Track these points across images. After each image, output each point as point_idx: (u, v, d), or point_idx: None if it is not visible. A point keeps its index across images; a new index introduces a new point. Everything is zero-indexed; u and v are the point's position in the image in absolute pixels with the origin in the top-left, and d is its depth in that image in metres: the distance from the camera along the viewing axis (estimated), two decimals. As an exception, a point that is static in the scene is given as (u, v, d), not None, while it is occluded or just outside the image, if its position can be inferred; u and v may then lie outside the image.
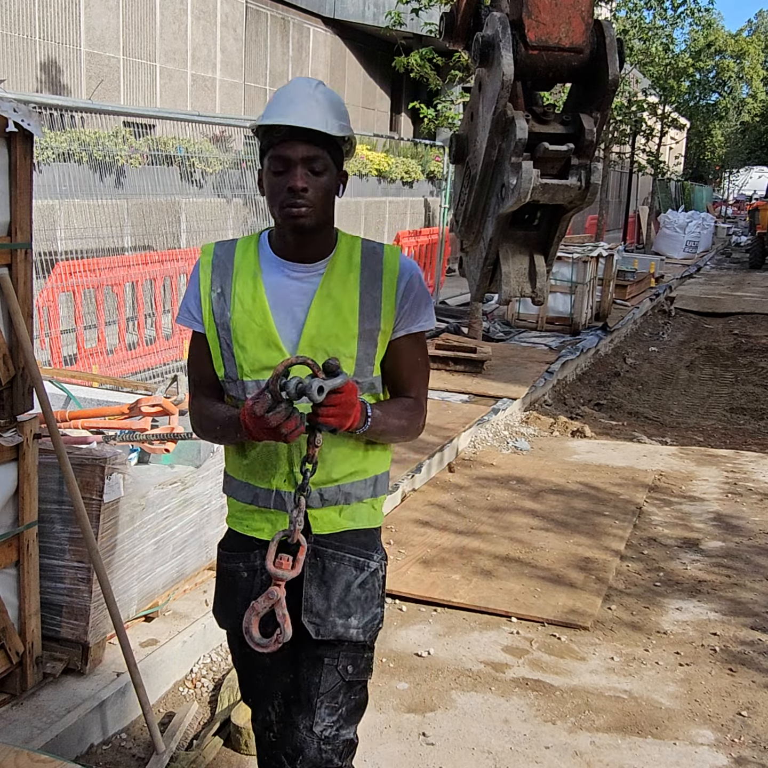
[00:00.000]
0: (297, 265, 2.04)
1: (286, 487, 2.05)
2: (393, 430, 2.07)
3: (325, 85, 2.06)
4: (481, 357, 8.56)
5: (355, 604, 2.08)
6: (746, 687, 3.64)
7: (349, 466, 2.09)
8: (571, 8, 1.74)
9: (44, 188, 6.61)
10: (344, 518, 2.10)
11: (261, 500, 2.08)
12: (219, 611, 2.21)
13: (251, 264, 2.06)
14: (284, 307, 2.03)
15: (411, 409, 2.11)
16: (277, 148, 1.96)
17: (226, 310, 2.04)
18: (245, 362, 2.02)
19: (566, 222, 1.91)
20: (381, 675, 3.60)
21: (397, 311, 2.06)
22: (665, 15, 19.10)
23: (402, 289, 2.06)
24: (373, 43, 17.25)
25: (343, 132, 1.99)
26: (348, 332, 2.01)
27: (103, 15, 11.26)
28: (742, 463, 6.83)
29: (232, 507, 2.17)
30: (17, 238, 2.77)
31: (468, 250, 2.12)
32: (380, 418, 2.00)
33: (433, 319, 2.15)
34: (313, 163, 1.95)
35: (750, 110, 55.41)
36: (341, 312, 2.01)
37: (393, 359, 2.09)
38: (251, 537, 2.11)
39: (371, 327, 2.03)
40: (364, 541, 2.13)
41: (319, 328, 2.01)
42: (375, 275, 2.05)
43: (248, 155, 8.06)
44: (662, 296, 16.63)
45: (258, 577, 2.10)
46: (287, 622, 1.83)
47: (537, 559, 4.72)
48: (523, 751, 3.16)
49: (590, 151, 1.79)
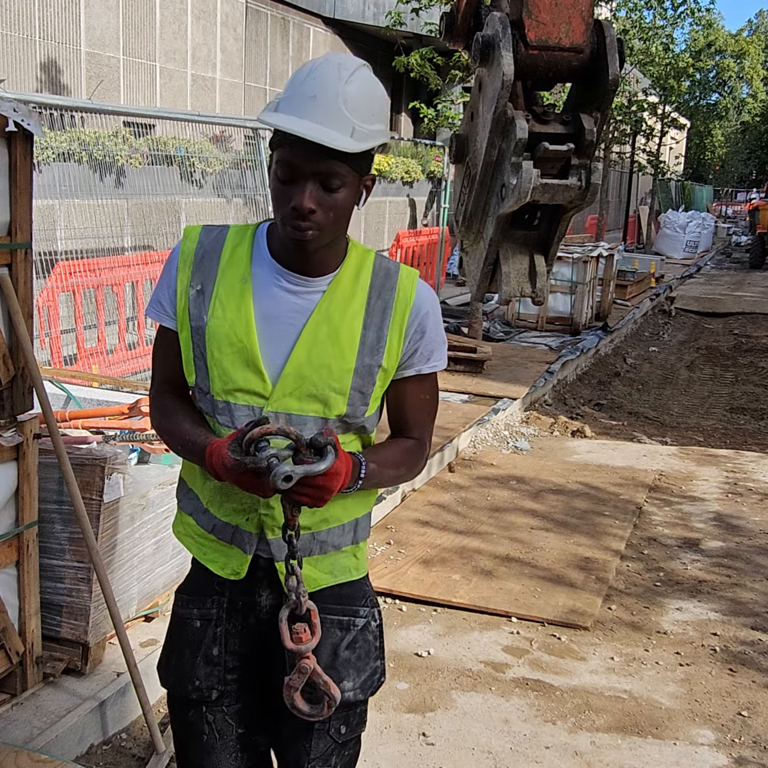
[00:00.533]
0: (296, 276, 1.73)
1: (248, 527, 1.78)
2: (388, 481, 1.83)
3: (366, 67, 1.68)
4: (481, 357, 8.55)
5: (346, 668, 1.83)
6: (746, 687, 3.64)
7: (324, 511, 1.77)
8: (571, 8, 1.74)
9: (44, 188, 6.61)
10: (321, 572, 1.82)
11: (218, 532, 1.81)
12: (163, 665, 1.92)
13: (242, 263, 1.75)
14: (273, 324, 1.72)
15: (411, 453, 1.86)
16: (285, 151, 1.62)
17: (203, 313, 1.73)
18: (218, 378, 1.73)
19: (566, 222, 1.91)
20: (381, 675, 3.60)
21: (405, 349, 1.77)
22: (665, 15, 19.11)
23: (416, 325, 1.77)
24: (373, 43, 17.24)
25: (372, 142, 1.63)
26: (343, 365, 1.71)
27: (103, 15, 11.26)
28: (742, 463, 6.83)
29: (189, 527, 1.88)
30: (17, 238, 2.77)
31: (468, 250, 2.12)
32: (375, 473, 1.75)
33: (445, 359, 1.85)
34: (328, 178, 1.61)
35: (750, 110, 55.44)
36: (338, 340, 1.71)
37: (397, 399, 1.84)
38: (211, 580, 1.84)
39: (371, 362, 1.74)
40: (348, 595, 1.87)
41: (309, 356, 1.70)
42: (385, 302, 1.75)
43: (248, 155, 8.06)
44: (662, 296, 16.63)
45: (212, 628, 1.84)
46: (332, 687, 1.68)
47: (537, 559, 4.72)
48: (523, 751, 3.16)
49: (590, 151, 1.79)
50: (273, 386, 1.71)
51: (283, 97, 1.63)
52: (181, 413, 1.80)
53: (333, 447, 1.58)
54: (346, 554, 1.85)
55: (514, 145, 1.73)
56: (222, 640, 1.83)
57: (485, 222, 1.96)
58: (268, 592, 1.81)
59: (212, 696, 1.83)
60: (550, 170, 1.77)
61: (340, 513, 1.82)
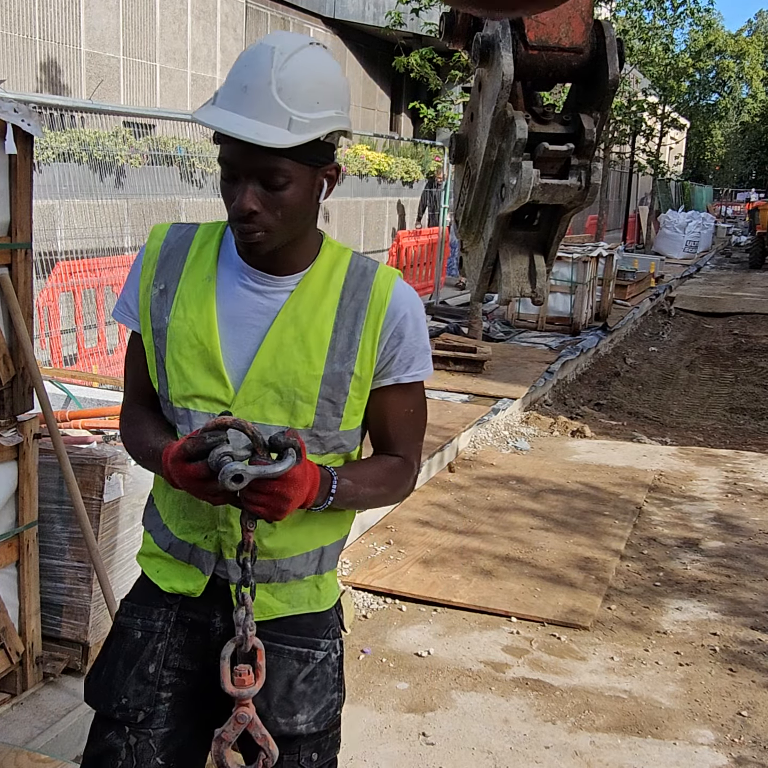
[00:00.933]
0: (262, 275, 1.60)
1: (206, 546, 1.65)
2: (367, 501, 1.67)
3: (313, 47, 1.49)
4: (481, 357, 8.56)
5: (300, 701, 1.67)
6: (746, 687, 3.64)
7: (288, 536, 1.64)
8: (571, 8, 1.74)
9: (44, 188, 6.61)
10: (278, 600, 1.68)
11: (175, 550, 1.69)
12: (92, 678, 1.73)
13: (207, 262, 1.63)
14: (236, 326, 1.60)
15: (395, 472, 1.69)
16: (224, 149, 1.49)
17: (165, 314, 1.62)
18: (177, 383, 1.61)
19: (566, 222, 1.92)
20: (381, 675, 3.60)
21: (381, 355, 1.62)
22: (665, 15, 19.11)
23: (392, 329, 1.62)
24: (373, 43, 17.25)
25: (317, 131, 1.47)
26: (310, 371, 1.57)
27: (103, 15, 11.26)
28: (742, 463, 6.83)
29: (146, 544, 1.77)
30: (17, 238, 2.77)
31: (468, 250, 2.12)
32: (349, 490, 1.59)
33: (430, 367, 1.70)
34: (269, 176, 1.47)
35: (750, 110, 55.48)
36: (305, 344, 1.58)
37: (377, 412, 1.68)
38: (161, 591, 1.71)
39: (341, 369, 1.59)
40: (309, 625, 1.71)
41: (274, 360, 1.57)
42: (358, 304, 1.61)
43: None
44: (662, 296, 16.63)
45: (153, 642, 1.69)
46: (271, 743, 1.50)
47: (537, 559, 4.72)
48: (523, 751, 3.16)
49: (590, 151, 1.79)
50: (235, 393, 1.59)
51: (221, 87, 1.50)
52: (146, 422, 1.68)
53: (296, 450, 1.42)
54: (307, 584, 1.71)
55: (514, 145, 1.73)
56: (161, 657, 1.68)
57: (485, 222, 1.97)
58: (222, 615, 1.68)
59: (138, 717, 1.66)
60: (549, 170, 1.77)
61: (304, 540, 1.67)
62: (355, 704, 3.39)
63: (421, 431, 1.75)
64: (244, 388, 1.58)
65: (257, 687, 1.48)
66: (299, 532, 1.65)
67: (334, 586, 1.78)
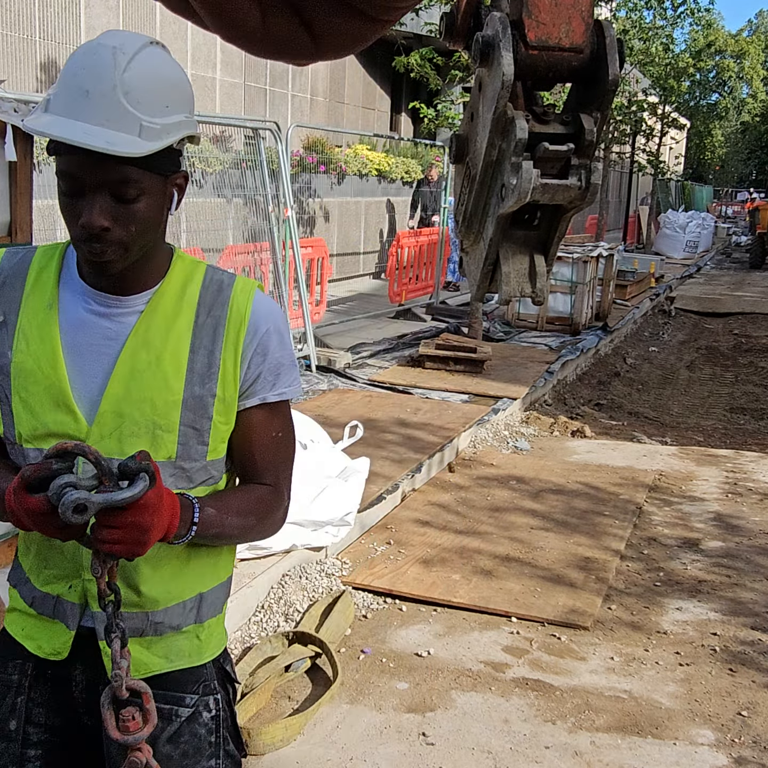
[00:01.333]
0: (107, 297, 1.47)
1: (70, 597, 1.51)
2: (235, 532, 1.52)
3: (153, 46, 1.38)
4: (481, 357, 8.56)
5: (167, 766, 1.50)
6: (746, 687, 3.64)
7: (160, 585, 1.52)
8: (571, 8, 1.74)
9: (44, 188, 6.60)
10: (154, 655, 1.53)
11: (39, 605, 1.55)
12: None
13: (47, 288, 1.49)
14: (84, 355, 1.46)
15: (263, 501, 1.56)
16: (65, 160, 1.35)
17: (6, 349, 1.48)
18: (26, 423, 1.48)
19: (566, 222, 1.91)
20: (381, 675, 3.60)
21: (244, 374, 1.51)
22: (665, 15, 19.11)
23: (254, 345, 1.51)
24: (373, 43, 17.25)
25: (170, 138, 1.37)
26: (168, 397, 1.46)
27: (103, 15, 11.26)
28: (742, 463, 6.83)
29: (12, 600, 1.62)
30: (17, 237, 2.77)
31: (468, 250, 2.11)
32: (213, 520, 1.45)
33: (297, 385, 1.59)
34: (120, 188, 1.35)
35: (750, 110, 55.52)
36: (161, 368, 1.46)
37: (242, 435, 1.55)
38: (16, 642, 1.57)
39: (202, 392, 1.48)
40: (175, 679, 1.55)
41: (128, 389, 1.45)
42: (216, 321, 1.50)
43: (248, 155, 8.06)
44: (662, 296, 16.63)
45: (11, 697, 1.55)
46: None
47: (537, 559, 4.72)
48: (523, 751, 3.16)
49: (590, 151, 1.79)
50: (89, 427, 1.46)
51: (54, 92, 1.34)
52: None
53: (148, 474, 1.27)
54: (186, 636, 1.56)
55: (514, 145, 1.73)
56: (22, 712, 1.54)
57: (485, 222, 1.97)
58: (83, 668, 1.54)
59: None
60: (550, 170, 1.77)
61: (178, 588, 1.53)
62: (355, 704, 3.39)
63: (290, 458, 1.62)
64: (99, 421, 1.46)
65: (146, 731, 1.37)
66: (171, 581, 1.53)
67: (218, 634, 1.63)
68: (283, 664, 3.53)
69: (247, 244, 7.98)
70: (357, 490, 4.61)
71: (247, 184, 7.93)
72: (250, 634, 3.78)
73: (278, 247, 8.02)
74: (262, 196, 7.89)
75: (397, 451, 5.98)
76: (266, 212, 7.93)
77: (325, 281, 9.68)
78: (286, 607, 3.99)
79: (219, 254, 7.69)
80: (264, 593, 4.01)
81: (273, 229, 7.94)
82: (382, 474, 5.46)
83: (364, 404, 7.14)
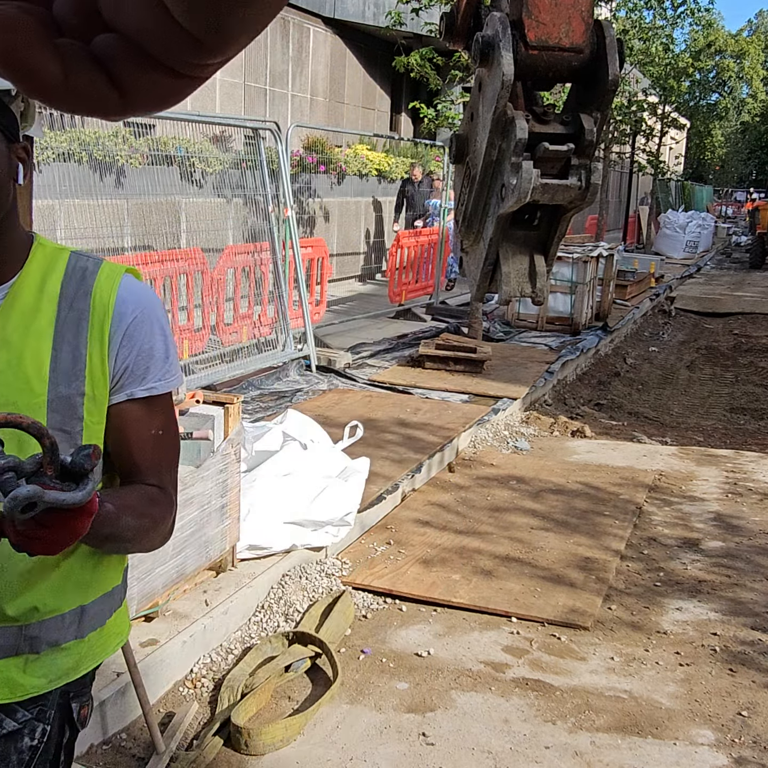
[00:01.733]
0: None
1: None
2: (127, 535, 1.34)
3: None
4: (481, 357, 8.56)
5: None
6: (746, 687, 3.64)
7: (36, 595, 1.36)
8: (571, 8, 1.74)
9: (44, 188, 6.61)
10: (32, 676, 1.38)
11: None
12: None
13: None
14: None
15: (156, 503, 1.42)
16: None
17: None
18: None
19: (566, 222, 1.91)
20: (381, 675, 3.60)
21: (112, 368, 1.38)
22: (665, 15, 19.10)
23: (120, 336, 1.38)
24: (373, 43, 17.25)
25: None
26: (31, 399, 1.33)
27: (103, 15, 11.27)
28: (742, 463, 6.83)
29: None
30: (17, 238, 2.77)
31: (468, 250, 2.12)
32: (111, 517, 1.26)
33: (171, 378, 1.44)
34: None
35: (750, 110, 55.53)
36: (21, 369, 1.33)
37: (116, 434, 1.42)
38: None
39: (68, 392, 1.35)
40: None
41: None
42: (79, 314, 1.36)
43: (248, 155, 8.07)
44: (662, 296, 16.63)
45: None
46: None
47: (537, 559, 4.72)
48: (523, 751, 3.16)
49: (590, 151, 1.79)
50: None
51: None
52: None
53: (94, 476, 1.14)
54: (67, 653, 1.41)
55: (514, 145, 1.73)
56: None
57: (485, 222, 1.97)
58: None
59: None
60: (550, 170, 1.77)
61: (56, 600, 1.38)
62: (355, 704, 3.39)
63: (174, 459, 1.49)
64: None
65: None
66: (47, 591, 1.37)
67: (98, 647, 1.49)
68: (283, 665, 3.53)
69: (247, 244, 7.98)
70: (357, 490, 4.61)
71: (247, 184, 7.93)
72: (250, 634, 3.78)
73: (278, 247, 8.02)
74: (262, 196, 7.89)
75: (397, 451, 5.98)
76: (266, 212, 7.93)
77: (325, 281, 9.69)
78: (286, 607, 3.99)
79: (219, 254, 7.69)
80: (264, 593, 4.02)
81: (273, 229, 7.95)
82: (382, 474, 5.46)
83: (364, 404, 7.14)
